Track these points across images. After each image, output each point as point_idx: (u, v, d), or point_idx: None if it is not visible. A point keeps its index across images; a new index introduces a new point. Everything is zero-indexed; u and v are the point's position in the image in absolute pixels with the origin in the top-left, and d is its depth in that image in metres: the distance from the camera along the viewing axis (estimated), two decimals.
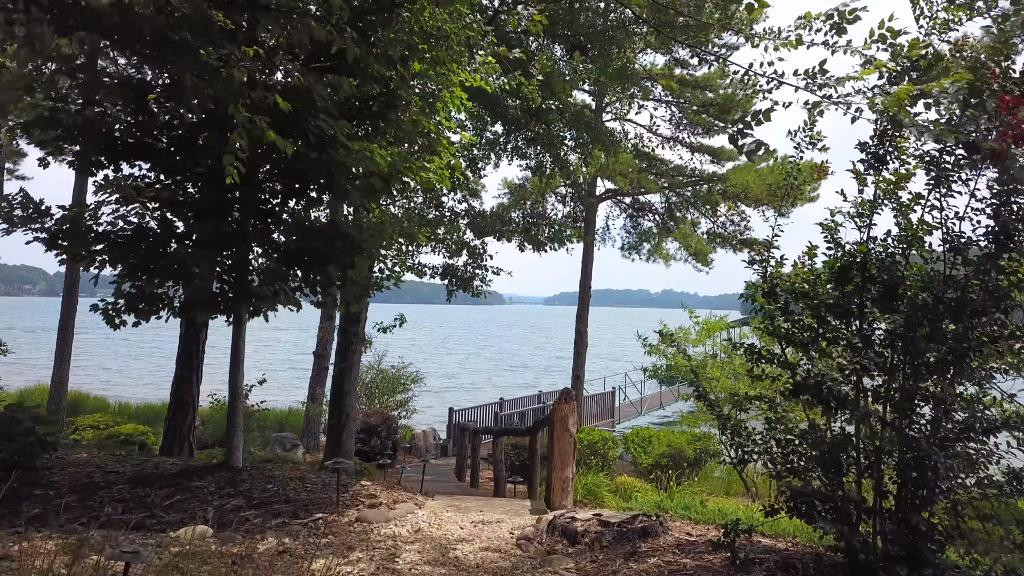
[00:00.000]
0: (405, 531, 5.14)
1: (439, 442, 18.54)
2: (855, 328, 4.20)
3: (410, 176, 5.70)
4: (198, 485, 5.88)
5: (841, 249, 4.38)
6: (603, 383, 25.48)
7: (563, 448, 5.98)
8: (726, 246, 18.20)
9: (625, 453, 14.82)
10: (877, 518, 4.04)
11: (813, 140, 4.64)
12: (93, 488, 5.79)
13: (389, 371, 18.41)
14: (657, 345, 11.71)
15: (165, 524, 4.97)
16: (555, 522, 5.00)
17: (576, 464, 6.48)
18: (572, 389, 5.91)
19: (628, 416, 24.85)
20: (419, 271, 10.98)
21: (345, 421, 10.40)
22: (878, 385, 4.33)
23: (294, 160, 5.58)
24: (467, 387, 35.99)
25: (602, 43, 8.61)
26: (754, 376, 4.90)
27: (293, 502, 5.68)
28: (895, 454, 4.12)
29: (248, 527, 5.01)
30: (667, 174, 17.34)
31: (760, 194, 15.41)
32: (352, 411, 10.57)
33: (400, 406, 18.56)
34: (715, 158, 17.33)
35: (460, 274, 9.90)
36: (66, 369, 15.95)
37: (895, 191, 4.53)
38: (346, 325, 10.42)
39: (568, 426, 6.00)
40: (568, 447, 5.99)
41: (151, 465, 6.85)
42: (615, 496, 8.60)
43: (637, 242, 18.41)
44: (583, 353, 17.42)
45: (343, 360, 10.42)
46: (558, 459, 5.97)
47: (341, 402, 10.42)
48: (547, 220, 10.92)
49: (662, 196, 17.80)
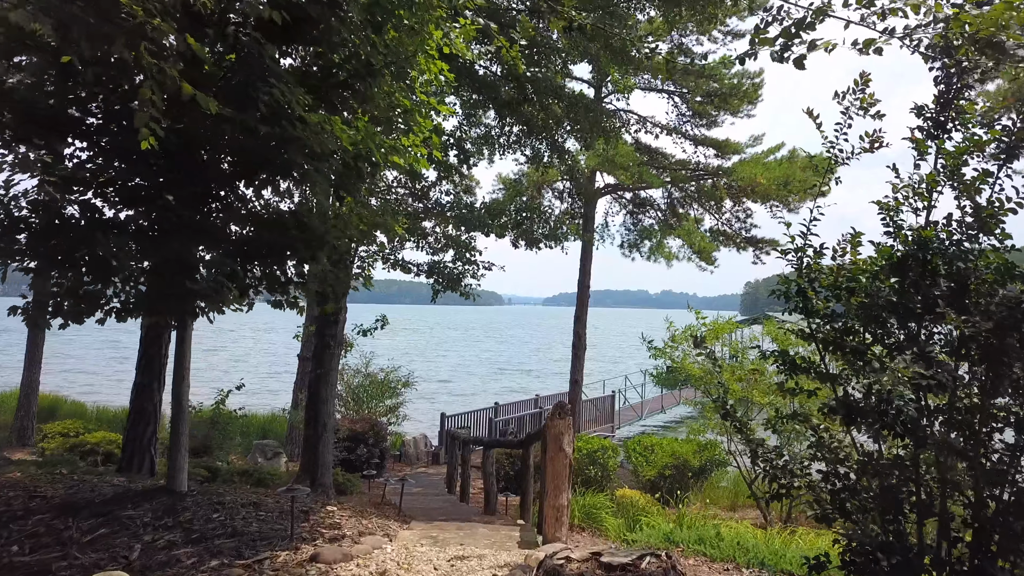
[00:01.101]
0: (367, 574, 4.30)
1: (431, 449, 17.69)
2: (920, 332, 3.37)
3: (379, 156, 4.87)
4: (131, 515, 5.04)
5: (900, 235, 3.55)
6: (602, 387, 24.65)
7: (557, 471, 5.14)
8: (730, 244, 17.38)
9: (626, 461, 13.99)
10: (946, 571, 3.22)
11: (865, 104, 3.81)
12: (7, 519, 4.94)
13: (377, 375, 17.54)
14: (663, 349, 10.87)
15: (77, 568, 4.13)
16: (545, 564, 4.17)
17: (574, 478, 5.63)
18: (568, 402, 5.05)
19: (628, 420, 24.01)
20: (405, 267, 10.15)
21: (322, 432, 9.56)
22: (941, 404, 3.52)
23: (244, 136, 4.76)
24: (461, 391, 35.12)
25: (603, 12, 7.78)
26: (786, 390, 4.08)
27: (240, 535, 4.83)
28: (966, 490, 3.30)
29: (177, 570, 4.17)
30: (669, 168, 16.52)
31: (768, 188, 14.58)
32: (330, 420, 9.73)
33: (390, 412, 17.70)
34: (719, 151, 16.50)
35: (447, 272, 9.05)
36: (36, 372, 15.07)
37: (959, 166, 3.71)
38: (323, 327, 9.59)
39: (563, 445, 5.17)
40: (563, 470, 5.16)
41: (87, 487, 6.01)
42: (616, 518, 7.77)
43: (638, 240, 17.56)
44: (581, 356, 16.58)
45: (320, 365, 9.58)
46: (551, 484, 5.13)
47: (318, 411, 9.58)
48: (543, 215, 10.06)
49: (664, 191, 16.98)
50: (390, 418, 17.63)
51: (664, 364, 11.36)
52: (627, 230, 18.59)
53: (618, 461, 13.60)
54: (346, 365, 17.53)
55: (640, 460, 12.88)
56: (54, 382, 27.12)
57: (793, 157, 15.40)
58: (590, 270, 16.59)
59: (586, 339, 16.67)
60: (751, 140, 16.34)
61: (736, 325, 11.31)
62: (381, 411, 17.52)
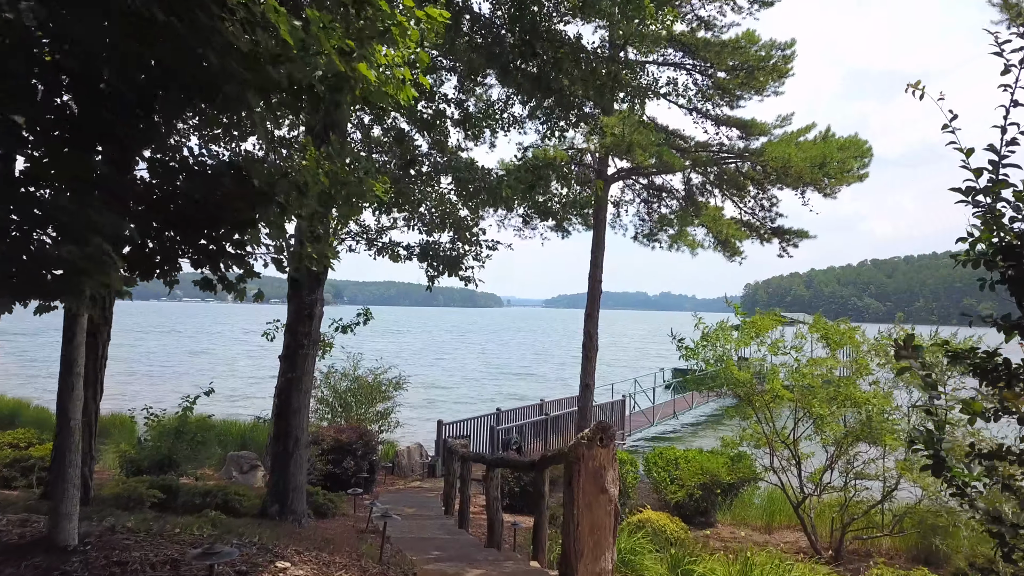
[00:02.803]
0: None
1: (427, 460, 16.10)
2: None
3: (338, 60, 3.32)
4: None
5: None
6: (610, 390, 23.13)
7: (597, 521, 3.58)
8: (753, 236, 15.82)
9: (644, 475, 12.45)
10: None
11: None
12: None
13: (366, 378, 15.97)
14: (695, 349, 9.33)
15: None
16: None
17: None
18: (610, 423, 3.42)
19: (639, 427, 22.48)
20: (393, 255, 8.58)
21: (293, 448, 7.99)
22: None
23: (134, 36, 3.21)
24: (459, 397, 33.50)
25: None
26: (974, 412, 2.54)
27: None
28: None
29: None
30: (689, 151, 14.97)
31: (803, 169, 13.03)
32: (303, 435, 8.16)
33: (381, 418, 16.12)
34: (744, 132, 14.95)
35: (444, 254, 7.48)
36: None
37: None
38: (295, 323, 8.01)
39: (606, 485, 3.61)
40: (605, 519, 3.60)
41: None
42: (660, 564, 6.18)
43: (656, 228, 15.98)
44: (593, 358, 15.00)
45: (291, 368, 8.00)
46: (589, 540, 3.56)
47: (288, 423, 8.01)
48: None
49: (683, 176, 15.41)
50: (381, 425, 16.08)
51: (696, 366, 9.83)
52: (641, 220, 17.04)
53: (638, 476, 12.06)
54: (333, 368, 16.05)
55: (663, 476, 11.33)
56: (25, 388, 25.55)
57: (828, 137, 13.87)
58: (602, 262, 15.02)
59: (597, 339, 15.09)
60: (778, 120, 14.80)
61: (781, 319, 9.76)
62: (371, 417, 15.98)
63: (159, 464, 11.38)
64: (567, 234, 17.94)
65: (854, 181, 13.75)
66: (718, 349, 9.61)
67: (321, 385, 15.68)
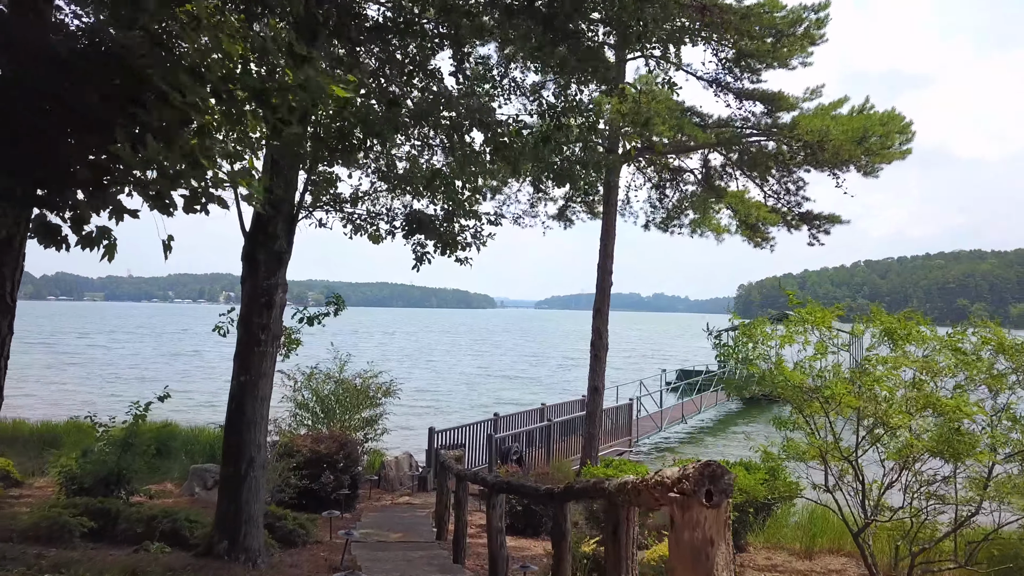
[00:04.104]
0: None
1: (416, 472, 14.47)
2: None
3: None
4: None
5: None
6: (615, 393, 21.60)
7: None
8: (778, 222, 14.32)
9: None
10: None
11: None
12: None
13: (353, 381, 14.35)
14: (734, 347, 7.83)
15: None
16: None
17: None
18: (719, 466, 1.71)
19: (647, 432, 20.98)
20: (374, 235, 6.97)
21: (247, 470, 6.36)
22: None
23: None
24: (452, 402, 31.84)
25: None
26: None
27: None
28: None
29: None
30: (710, 128, 13.46)
31: (841, 145, 11.53)
32: (259, 452, 6.52)
33: (367, 425, 14.50)
34: (769, 106, 13.44)
35: (435, 226, 5.91)
36: None
37: None
38: (250, 312, 6.41)
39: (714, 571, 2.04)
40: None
41: None
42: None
43: (674, 213, 14.42)
44: (602, 358, 13.46)
45: (244, 369, 6.38)
46: None
47: (241, 438, 6.38)
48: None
49: (702, 156, 13.89)
50: (367, 432, 14.48)
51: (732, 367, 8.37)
52: (652, 207, 15.50)
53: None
54: (316, 369, 14.46)
55: None
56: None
57: (866, 109, 12.40)
58: (612, 252, 13.45)
59: (608, 337, 13.56)
60: (807, 93, 13.32)
61: (841, 311, 8.26)
62: (357, 424, 14.38)
63: (104, 481, 9.73)
64: (570, 223, 16.42)
65: (896, 158, 12.26)
66: (759, 348, 8.12)
67: (302, 388, 14.13)
